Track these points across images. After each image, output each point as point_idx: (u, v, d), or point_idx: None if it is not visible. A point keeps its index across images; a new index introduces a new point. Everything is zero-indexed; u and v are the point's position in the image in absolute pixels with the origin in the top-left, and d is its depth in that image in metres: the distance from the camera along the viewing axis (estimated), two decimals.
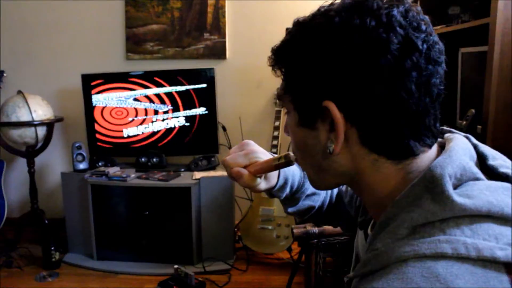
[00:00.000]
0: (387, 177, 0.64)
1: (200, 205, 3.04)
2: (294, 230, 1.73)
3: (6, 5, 3.58)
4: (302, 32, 0.65)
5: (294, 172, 0.95)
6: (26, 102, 3.20)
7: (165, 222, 3.09)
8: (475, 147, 0.66)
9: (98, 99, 3.35)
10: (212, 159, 3.28)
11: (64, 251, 3.22)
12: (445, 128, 0.72)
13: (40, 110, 3.26)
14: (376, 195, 0.67)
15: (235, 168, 0.86)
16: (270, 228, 3.12)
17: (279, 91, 0.74)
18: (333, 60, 0.60)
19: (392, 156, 0.63)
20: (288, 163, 0.82)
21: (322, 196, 1.03)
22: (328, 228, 1.71)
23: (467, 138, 0.68)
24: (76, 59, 3.62)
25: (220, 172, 3.15)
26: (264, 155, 0.88)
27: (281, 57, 0.69)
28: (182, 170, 3.28)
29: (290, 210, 1.00)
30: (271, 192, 0.95)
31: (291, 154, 0.79)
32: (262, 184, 0.89)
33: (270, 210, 3.12)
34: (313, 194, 1.00)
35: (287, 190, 0.95)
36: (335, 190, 1.07)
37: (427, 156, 0.64)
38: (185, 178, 3.11)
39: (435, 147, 0.65)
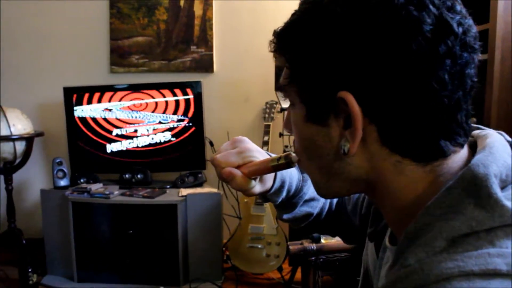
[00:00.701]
0: (413, 181, 0.54)
1: (187, 223, 2.92)
2: (290, 247, 1.62)
3: None
4: (314, 10, 0.55)
5: (291, 174, 0.85)
6: (4, 115, 3.06)
7: (150, 241, 2.96)
8: (510, 145, 0.57)
9: (81, 113, 3.23)
10: (199, 175, 3.16)
11: (42, 273, 3.07)
12: (472, 124, 0.62)
13: (19, 124, 3.12)
14: (399, 203, 0.56)
15: (226, 168, 0.76)
16: (259, 246, 3.01)
17: (281, 81, 0.63)
18: (353, 42, 0.51)
19: (419, 157, 0.53)
20: (288, 164, 0.72)
21: (321, 202, 0.93)
22: (327, 244, 1.61)
23: (501, 135, 0.58)
24: (58, 72, 3.50)
25: (208, 189, 3.04)
26: (259, 154, 0.78)
27: (286, 40, 0.59)
28: (168, 187, 3.16)
29: (285, 216, 0.90)
30: (265, 196, 0.85)
31: (293, 154, 0.70)
32: (257, 187, 0.79)
33: (260, 228, 3.00)
34: (312, 199, 0.90)
35: (284, 194, 0.84)
36: None
37: (459, 156, 0.54)
38: (171, 195, 2.99)
39: (466, 147, 0.56)
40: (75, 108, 3.23)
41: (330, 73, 0.53)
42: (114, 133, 3.23)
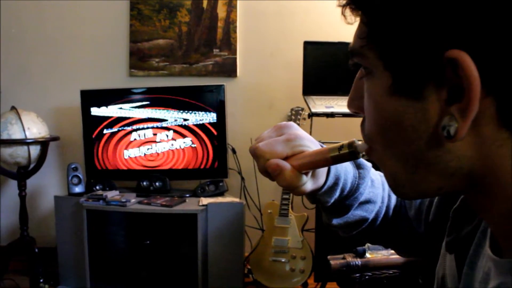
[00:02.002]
0: None
1: (207, 234, 2.77)
2: (331, 262, 1.44)
3: (2, 18, 3.37)
4: None
5: (346, 169, 0.69)
6: (19, 118, 2.94)
7: (168, 252, 2.84)
8: None
9: (98, 118, 3.10)
10: (221, 184, 3.00)
11: (54, 283, 2.94)
12: None
13: (35, 128, 3.00)
14: None
15: (272, 160, 0.61)
16: (283, 260, 2.84)
17: (355, 42, 0.48)
18: None
19: None
20: (353, 155, 0.57)
21: (378, 206, 0.76)
22: (373, 259, 1.43)
23: None
24: (75, 75, 3.38)
25: (230, 198, 2.89)
26: (311, 143, 0.63)
27: None
28: (188, 195, 3.01)
29: (335, 222, 0.73)
30: (314, 196, 0.69)
31: (358, 141, 0.56)
32: (309, 183, 0.63)
33: (284, 241, 2.84)
34: (367, 201, 0.74)
35: (337, 193, 0.68)
36: (393, 200, 0.79)
37: None
38: (191, 204, 2.84)
39: None
40: (92, 112, 3.10)
41: (435, 24, 0.39)
42: (131, 138, 3.10)
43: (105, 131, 3.12)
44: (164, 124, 3.05)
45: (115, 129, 3.11)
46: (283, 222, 2.85)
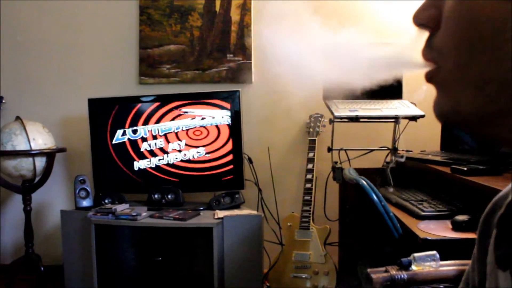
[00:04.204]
0: None
1: (223, 250, 2.60)
2: (373, 276, 1.25)
3: (7, 25, 3.25)
4: None
5: None
6: (24, 129, 2.81)
7: (181, 269, 2.69)
8: None
9: (106, 127, 2.95)
10: (236, 196, 2.84)
11: None
12: None
13: (40, 139, 2.87)
14: None
15: None
16: (305, 276, 2.67)
17: None
18: None
19: None
20: None
21: None
22: (421, 272, 1.24)
23: None
24: (83, 83, 3.25)
25: (247, 211, 2.72)
26: None
27: None
28: (202, 208, 2.84)
29: None
30: None
31: None
32: None
33: (305, 256, 2.66)
34: None
35: None
36: None
37: None
38: (206, 217, 2.68)
39: None
40: (100, 121, 2.96)
41: None
42: (141, 149, 2.94)
43: (114, 141, 2.96)
44: (176, 133, 2.89)
45: (124, 139, 2.95)
46: (304, 235, 2.68)
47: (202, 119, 2.86)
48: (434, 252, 1.24)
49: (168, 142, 2.92)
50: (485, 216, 0.59)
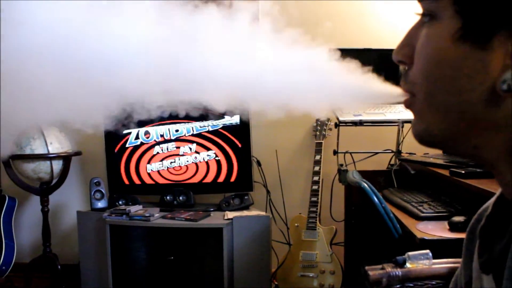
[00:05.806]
0: None
1: (233, 249, 2.69)
2: (370, 273, 1.33)
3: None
4: None
5: None
6: (42, 133, 2.91)
7: (192, 268, 2.75)
8: None
9: (121, 131, 3.06)
10: (246, 197, 2.92)
11: None
12: None
13: (57, 143, 2.97)
14: None
15: None
16: (311, 275, 2.74)
17: None
18: None
19: None
20: None
21: None
22: (415, 269, 1.32)
23: None
24: None
25: (256, 212, 2.81)
26: None
27: None
28: (212, 209, 2.93)
29: None
30: None
31: None
32: None
33: (312, 255, 2.74)
34: None
35: None
36: None
37: None
38: (216, 218, 2.77)
39: None
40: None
41: None
42: (154, 152, 3.04)
43: (127, 145, 3.06)
44: (187, 137, 2.99)
45: (138, 142, 3.05)
46: (311, 235, 2.76)
47: (212, 122, 2.95)
48: (427, 251, 1.32)
49: (180, 145, 3.00)
50: (471, 226, 0.67)
